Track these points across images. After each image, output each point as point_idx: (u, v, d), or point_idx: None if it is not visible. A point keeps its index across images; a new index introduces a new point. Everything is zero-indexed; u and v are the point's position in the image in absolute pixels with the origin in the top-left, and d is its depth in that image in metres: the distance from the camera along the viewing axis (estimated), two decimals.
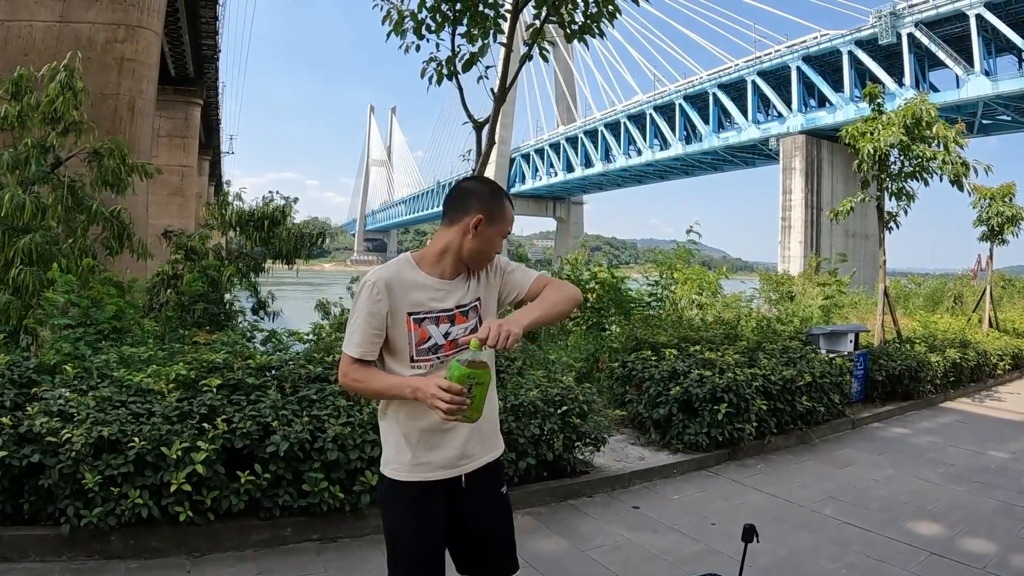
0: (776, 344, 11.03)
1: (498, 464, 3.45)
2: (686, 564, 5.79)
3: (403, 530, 3.21)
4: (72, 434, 5.33)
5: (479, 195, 3.21)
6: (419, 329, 3.12)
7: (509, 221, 3.26)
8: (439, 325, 3.15)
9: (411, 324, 3.11)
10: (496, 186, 3.34)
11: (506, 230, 3.26)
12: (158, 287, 12.29)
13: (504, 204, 3.25)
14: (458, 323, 3.20)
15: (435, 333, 3.14)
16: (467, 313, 3.22)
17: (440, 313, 3.16)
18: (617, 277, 14.70)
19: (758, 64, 64.65)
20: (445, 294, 3.18)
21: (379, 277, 3.12)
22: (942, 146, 13.55)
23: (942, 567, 5.97)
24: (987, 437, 10.93)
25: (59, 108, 10.72)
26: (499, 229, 3.21)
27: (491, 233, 3.18)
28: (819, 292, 19.51)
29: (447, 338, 3.17)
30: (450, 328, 3.17)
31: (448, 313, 3.17)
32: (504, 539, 3.42)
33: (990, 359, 15.79)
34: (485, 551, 3.37)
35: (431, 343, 3.14)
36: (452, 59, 8.19)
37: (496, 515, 3.38)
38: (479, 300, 3.28)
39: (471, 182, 3.36)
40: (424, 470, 3.17)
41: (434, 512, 3.21)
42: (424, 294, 3.15)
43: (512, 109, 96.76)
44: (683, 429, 8.95)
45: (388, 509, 3.29)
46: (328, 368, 7.04)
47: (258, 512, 5.86)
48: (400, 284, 3.12)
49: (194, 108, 43.21)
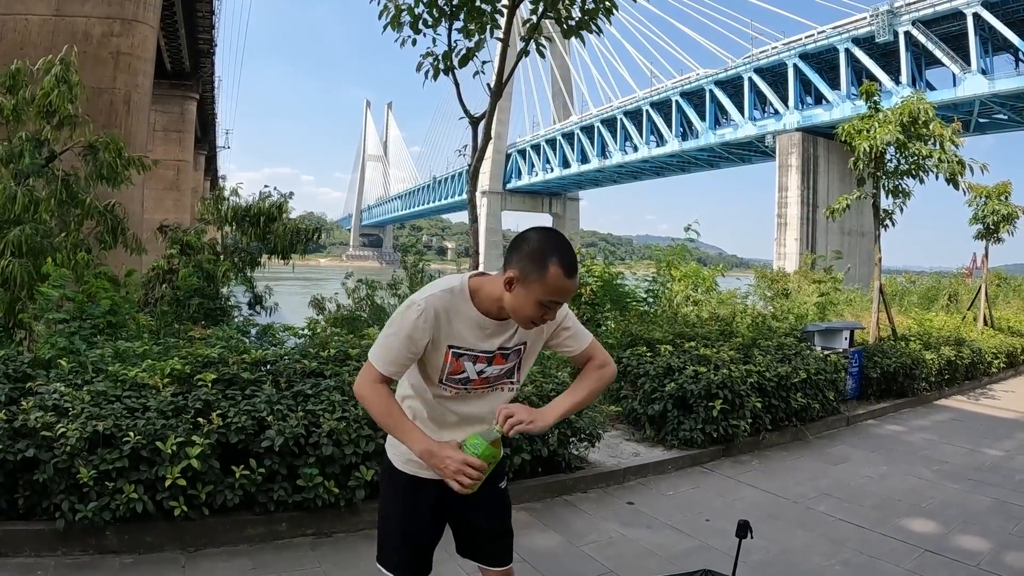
0: (771, 341, 11.05)
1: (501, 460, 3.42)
2: (680, 560, 5.79)
3: (394, 513, 3.29)
4: (67, 429, 5.31)
5: (523, 250, 2.89)
6: (456, 362, 3.06)
7: (552, 289, 2.83)
8: (476, 364, 3.10)
9: (449, 356, 3.04)
10: (549, 244, 2.89)
11: (545, 298, 2.85)
12: (153, 282, 12.29)
13: (546, 268, 2.81)
14: (496, 364, 3.14)
15: (470, 369, 3.09)
16: (508, 356, 3.15)
17: (481, 353, 3.08)
18: (612, 273, 14.68)
19: (755, 61, 64.59)
20: (491, 334, 3.07)
21: (430, 305, 2.97)
22: (938, 144, 13.54)
23: (936, 564, 5.97)
24: (981, 435, 10.95)
25: (54, 102, 10.71)
26: (534, 294, 2.85)
27: (524, 295, 2.86)
28: (814, 289, 19.53)
29: (480, 375, 3.13)
30: (486, 367, 3.12)
31: (489, 354, 3.10)
32: (498, 533, 3.42)
33: (985, 357, 15.81)
34: (479, 542, 3.41)
35: (463, 376, 3.10)
36: (449, 54, 8.19)
37: (490, 509, 3.38)
38: (524, 345, 3.18)
39: (531, 232, 2.96)
40: (417, 466, 3.18)
41: (425, 503, 3.23)
42: (471, 331, 3.04)
43: (508, 105, 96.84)
44: (678, 425, 8.96)
45: (385, 490, 3.37)
46: (323, 363, 7.05)
47: (253, 507, 5.86)
48: (450, 316, 3.00)
49: (190, 103, 43.19)
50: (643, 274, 16.41)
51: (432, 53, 8.24)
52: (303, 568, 5.47)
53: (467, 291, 3.02)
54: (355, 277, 13.69)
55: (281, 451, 5.82)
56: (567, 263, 2.83)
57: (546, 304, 2.86)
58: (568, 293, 2.88)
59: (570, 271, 2.84)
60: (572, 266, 2.85)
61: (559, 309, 2.99)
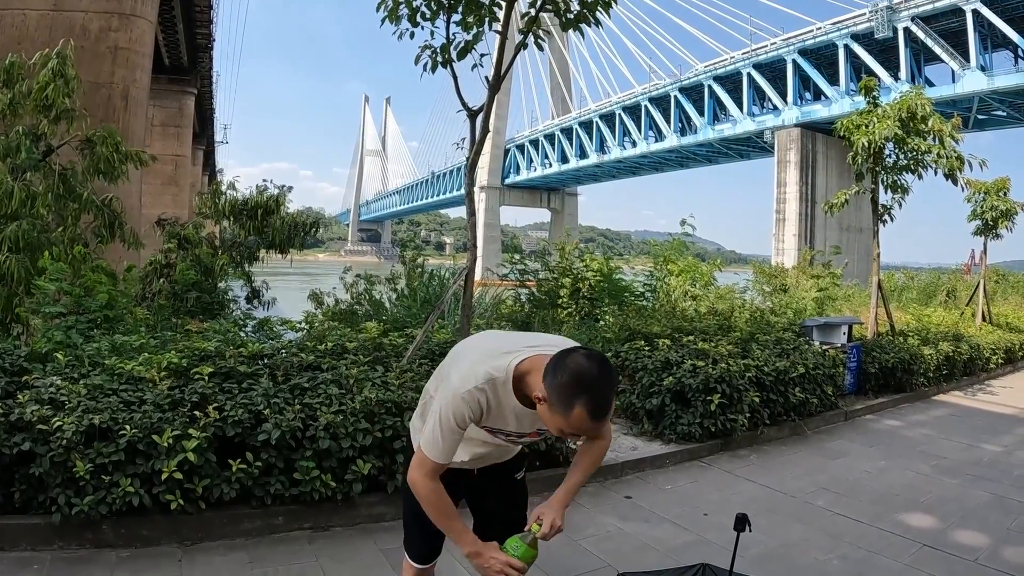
0: (769, 335, 11.06)
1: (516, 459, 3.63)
2: (678, 554, 5.79)
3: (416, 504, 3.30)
4: (63, 422, 5.31)
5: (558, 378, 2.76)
6: (487, 433, 3.19)
7: (575, 427, 2.77)
8: (507, 437, 3.23)
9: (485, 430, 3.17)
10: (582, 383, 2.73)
11: (568, 431, 2.82)
12: (151, 276, 12.27)
13: (572, 408, 2.71)
14: (528, 437, 3.28)
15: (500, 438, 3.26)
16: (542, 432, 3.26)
17: (513, 432, 3.19)
18: (611, 267, 14.68)
19: (754, 57, 64.50)
20: (526, 420, 3.10)
21: (474, 398, 2.96)
22: (937, 140, 13.54)
23: (934, 559, 5.97)
24: (980, 430, 10.95)
25: (51, 96, 10.69)
26: (557, 423, 2.81)
27: (550, 418, 2.82)
28: (813, 284, 19.53)
29: (506, 438, 3.24)
30: (516, 438, 3.27)
31: (521, 434, 3.22)
32: (512, 521, 3.50)
33: (983, 353, 15.83)
34: (493, 527, 3.47)
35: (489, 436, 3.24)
36: (447, 46, 8.16)
37: (507, 497, 3.57)
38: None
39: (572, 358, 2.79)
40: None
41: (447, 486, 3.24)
42: (509, 419, 3.09)
43: (507, 100, 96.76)
44: (676, 419, 8.95)
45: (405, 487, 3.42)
46: (320, 356, 7.05)
47: (249, 501, 5.84)
48: (491, 405, 3.01)
49: (188, 98, 43.14)
50: (641, 269, 16.39)
51: (430, 46, 8.21)
52: (300, 562, 5.46)
53: (511, 382, 2.98)
54: (353, 272, 13.67)
55: (278, 444, 5.81)
56: (594, 406, 2.72)
57: (571, 429, 2.80)
58: (593, 431, 2.89)
59: (596, 414, 2.73)
60: (600, 409, 2.74)
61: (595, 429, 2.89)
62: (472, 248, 8.63)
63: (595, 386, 2.73)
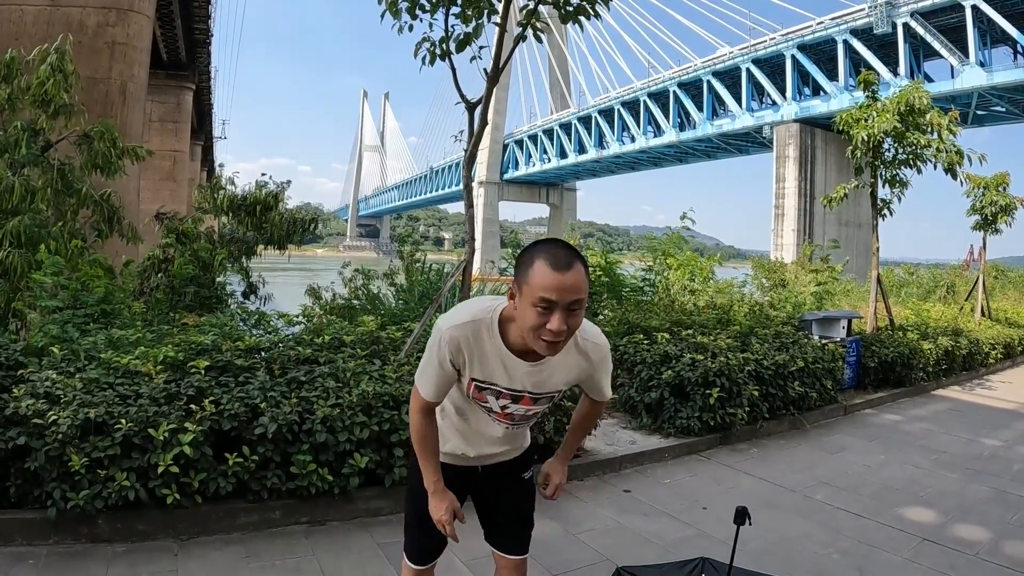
0: (769, 329, 11.05)
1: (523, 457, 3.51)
2: (677, 548, 5.77)
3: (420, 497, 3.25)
4: (58, 416, 5.28)
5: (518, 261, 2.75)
6: (478, 393, 3.04)
7: (540, 286, 2.60)
8: (499, 399, 3.04)
9: (472, 388, 3.01)
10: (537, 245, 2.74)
11: (537, 297, 2.60)
12: (149, 271, 12.24)
13: (532, 265, 2.64)
14: (522, 404, 3.07)
15: (492, 402, 3.07)
16: (538, 399, 3.08)
17: (505, 389, 3.00)
18: (610, 262, 14.68)
19: (753, 52, 64.48)
20: (520, 375, 2.95)
21: (453, 335, 2.88)
22: (936, 134, 13.52)
23: (934, 553, 5.96)
24: (979, 425, 10.95)
25: (49, 91, 10.67)
26: (527, 298, 2.64)
27: (522, 304, 2.68)
28: (812, 279, 19.52)
29: (503, 410, 3.09)
30: (510, 404, 3.06)
31: (515, 393, 3.01)
32: (517, 520, 3.47)
33: (982, 348, 15.86)
34: (498, 524, 3.46)
35: (485, 406, 3.11)
36: (446, 39, 8.13)
37: (510, 498, 3.47)
38: (559, 392, 3.12)
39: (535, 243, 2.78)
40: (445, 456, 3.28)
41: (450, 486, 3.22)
42: (495, 367, 2.94)
43: (506, 95, 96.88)
44: (675, 413, 8.95)
45: (413, 476, 3.36)
46: (318, 350, 7.02)
47: (246, 495, 5.82)
48: (473, 348, 2.90)
49: (186, 93, 43.10)
50: (639, 264, 16.39)
51: (429, 38, 8.19)
52: (296, 556, 5.44)
53: (496, 323, 2.89)
54: (352, 267, 13.65)
55: (274, 438, 5.80)
56: (554, 257, 2.61)
57: (541, 306, 2.59)
58: (561, 290, 2.58)
59: (557, 264, 2.59)
60: (561, 261, 2.61)
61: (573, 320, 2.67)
62: (470, 241, 8.62)
63: (549, 243, 2.71)
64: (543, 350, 2.71)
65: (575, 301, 2.62)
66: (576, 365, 3.02)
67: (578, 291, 2.61)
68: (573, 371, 3.04)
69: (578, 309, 2.65)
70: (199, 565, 5.21)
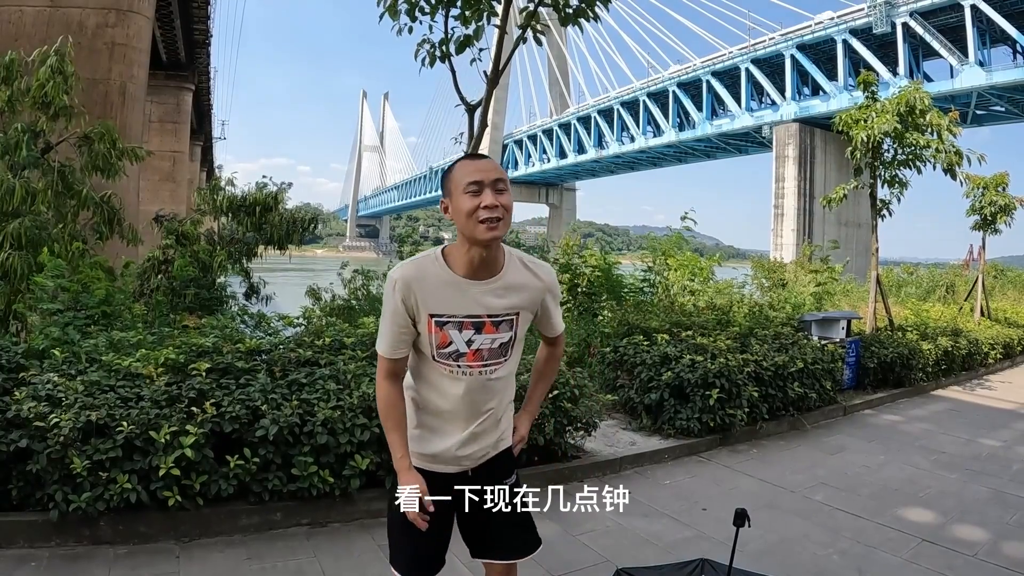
0: (768, 330, 11.05)
1: (503, 458, 3.37)
2: (677, 549, 5.78)
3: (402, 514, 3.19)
4: (60, 419, 5.29)
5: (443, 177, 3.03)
6: (440, 332, 3.01)
7: (463, 175, 2.90)
8: (462, 331, 3.01)
9: (432, 327, 3.00)
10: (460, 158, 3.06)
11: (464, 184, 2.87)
12: (149, 272, 12.25)
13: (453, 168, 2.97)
14: (486, 332, 3.03)
15: (457, 339, 3.01)
16: (499, 324, 3.05)
17: (465, 319, 3.00)
18: (609, 263, 14.69)
19: (752, 52, 64.56)
20: (472, 297, 2.99)
21: (401, 275, 2.98)
22: (936, 134, 13.53)
23: (933, 554, 5.97)
24: (978, 425, 10.96)
25: (49, 92, 10.66)
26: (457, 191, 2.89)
27: (455, 202, 2.91)
28: (811, 279, 19.54)
29: (470, 347, 3.03)
30: (474, 336, 3.02)
31: (475, 320, 3.01)
32: (515, 520, 3.33)
33: (982, 348, 15.86)
34: (495, 532, 3.29)
35: (452, 349, 3.03)
36: (445, 41, 8.15)
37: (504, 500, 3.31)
38: (516, 315, 3.09)
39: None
40: (425, 461, 3.19)
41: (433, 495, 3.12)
42: (446, 293, 2.98)
43: (505, 95, 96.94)
44: (674, 414, 8.95)
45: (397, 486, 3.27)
46: (318, 352, 7.03)
47: (247, 497, 5.84)
48: (424, 282, 2.97)
49: (185, 93, 43.06)
50: (639, 264, 16.41)
51: (429, 40, 8.21)
52: (298, 558, 5.45)
53: (440, 255, 3.01)
54: (351, 267, 13.66)
55: (275, 440, 5.81)
56: (469, 157, 3.05)
57: (471, 190, 2.86)
58: (483, 171, 2.90)
59: (474, 158, 3.02)
60: (475, 156, 3.06)
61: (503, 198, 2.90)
62: None
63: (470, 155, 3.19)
64: (484, 233, 2.85)
65: (498, 179, 2.90)
66: (527, 282, 3.11)
67: (498, 171, 2.94)
68: (525, 290, 3.10)
69: (504, 189, 2.92)
70: (201, 567, 5.22)
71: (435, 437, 3.18)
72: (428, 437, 3.19)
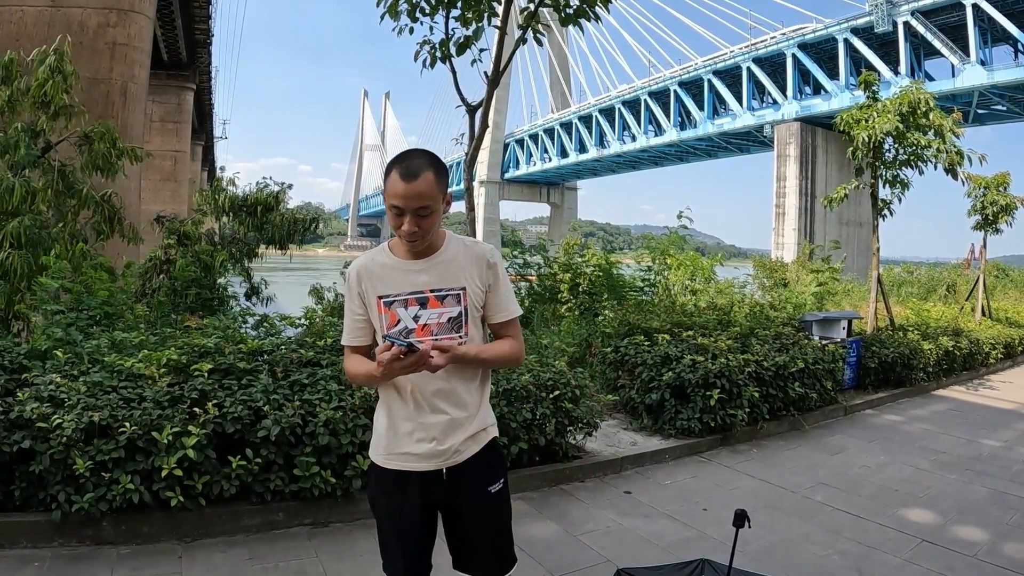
0: (769, 330, 11.03)
1: (486, 460, 3.27)
2: (677, 549, 5.78)
3: (382, 512, 3.30)
4: (63, 420, 5.30)
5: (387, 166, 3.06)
6: (388, 312, 3.09)
7: (391, 194, 2.96)
8: (408, 308, 3.08)
9: (381, 308, 3.09)
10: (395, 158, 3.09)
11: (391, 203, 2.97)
12: (150, 272, 12.27)
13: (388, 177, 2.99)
14: (431, 307, 3.09)
15: (404, 316, 3.08)
16: (444, 298, 3.10)
17: (409, 295, 3.08)
18: (610, 262, 14.69)
19: (753, 51, 64.52)
20: (414, 275, 3.10)
21: (354, 266, 3.19)
22: (937, 135, 13.52)
23: (933, 554, 5.97)
24: (979, 425, 10.95)
25: (49, 92, 10.66)
26: (387, 204, 3.01)
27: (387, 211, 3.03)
28: (812, 279, 19.53)
29: (417, 322, 3.08)
30: (420, 310, 3.08)
31: (419, 296, 3.08)
32: (491, 539, 3.28)
33: (983, 348, 15.84)
34: (470, 549, 3.27)
35: (401, 327, 3.08)
36: (446, 42, 8.16)
37: (481, 514, 3.26)
38: (463, 290, 3.11)
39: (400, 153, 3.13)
40: (398, 460, 3.17)
41: (411, 500, 3.18)
42: (391, 275, 3.12)
43: (506, 95, 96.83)
44: (675, 414, 8.95)
45: (371, 490, 3.38)
46: (320, 353, 7.03)
47: (249, 497, 5.85)
48: (371, 269, 3.16)
49: (187, 93, 43.10)
50: (636, 265, 16.42)
51: (429, 41, 8.22)
52: (300, 558, 5.46)
53: (386, 246, 3.22)
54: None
55: (277, 441, 5.81)
56: (404, 168, 2.93)
57: (394, 211, 2.97)
58: (406, 198, 2.92)
59: (405, 175, 2.92)
60: (410, 171, 2.93)
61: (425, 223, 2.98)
62: None
63: (405, 156, 3.03)
64: (406, 245, 3.07)
65: (421, 207, 2.95)
66: (469, 263, 3.16)
67: (423, 199, 2.94)
68: (465, 265, 3.15)
69: (427, 214, 2.97)
70: (203, 567, 5.23)
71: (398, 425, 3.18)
72: (393, 430, 3.20)
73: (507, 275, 3.33)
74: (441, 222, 3.11)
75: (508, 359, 3.33)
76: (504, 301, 3.26)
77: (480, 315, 3.23)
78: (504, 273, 3.26)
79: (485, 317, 3.28)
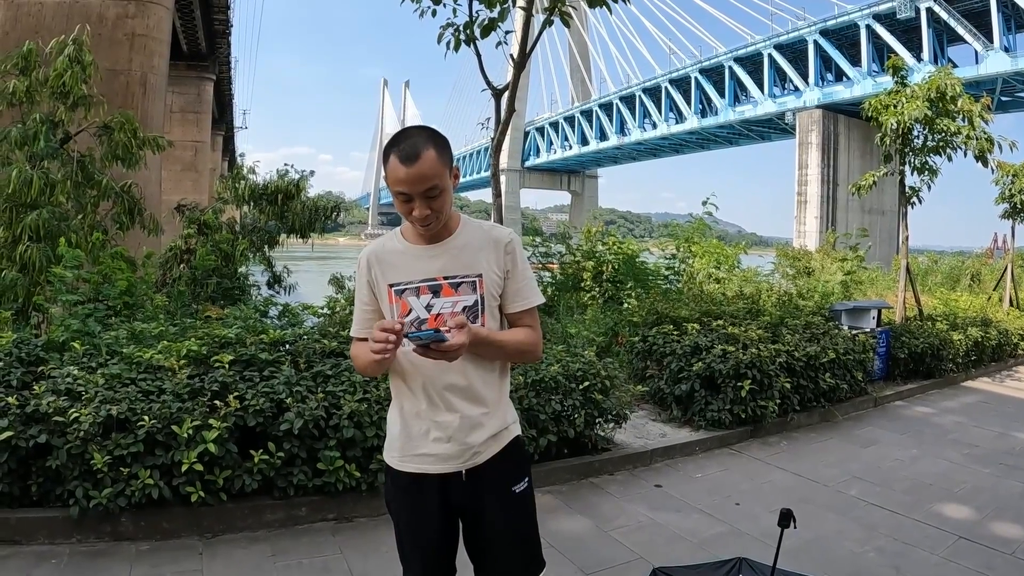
0: (799, 320, 10.86)
1: (509, 457, 3.09)
2: (711, 545, 5.66)
3: (398, 515, 3.13)
4: (80, 413, 5.21)
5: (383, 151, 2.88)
6: (399, 301, 2.93)
7: (393, 180, 2.79)
8: (420, 296, 2.92)
9: (392, 297, 2.94)
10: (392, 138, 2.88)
11: (394, 190, 2.81)
12: (170, 262, 12.21)
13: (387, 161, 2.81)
14: (444, 295, 2.92)
15: (416, 305, 2.92)
16: (458, 286, 2.92)
17: (421, 283, 2.92)
18: (632, 249, 14.58)
19: (775, 37, 64.30)
20: (426, 261, 2.93)
21: (364, 253, 3.06)
22: (967, 121, 13.30)
23: (971, 552, 5.82)
24: (1010, 418, 10.79)
25: (67, 82, 10.56)
26: (391, 191, 2.83)
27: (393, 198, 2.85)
28: (838, 268, 19.34)
29: (430, 311, 2.91)
30: (432, 300, 2.92)
31: (431, 283, 2.92)
32: (516, 543, 3.10)
33: (1011, 338, 15.67)
34: (493, 556, 3.09)
35: (413, 316, 2.91)
36: (470, 23, 8.02)
37: (505, 516, 3.06)
38: (479, 277, 2.94)
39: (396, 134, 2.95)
40: (414, 462, 2.99)
41: (428, 503, 3.01)
42: (402, 261, 2.96)
43: (527, 83, 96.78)
44: (705, 406, 8.82)
45: (388, 493, 3.19)
46: (343, 343, 6.91)
47: (272, 492, 5.76)
48: (382, 256, 3.00)
49: (207, 83, 43.23)
50: (661, 252, 16.32)
51: (453, 24, 8.09)
52: (323, 554, 5.37)
53: (399, 231, 3.05)
54: None
55: (300, 434, 5.72)
56: (402, 151, 2.76)
57: (402, 197, 2.80)
58: (409, 182, 2.75)
59: (405, 158, 2.74)
60: (409, 153, 2.75)
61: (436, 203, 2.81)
62: None
63: (402, 135, 2.84)
64: (421, 230, 2.89)
65: (429, 188, 2.77)
66: (485, 246, 2.97)
67: (428, 180, 2.76)
68: (482, 249, 2.96)
69: (437, 194, 2.80)
70: (224, 564, 5.14)
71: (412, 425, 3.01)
72: (406, 430, 3.03)
73: (527, 262, 3.13)
74: (453, 201, 2.93)
75: (525, 349, 3.08)
76: (524, 288, 3.05)
77: (497, 304, 3.02)
78: (524, 258, 3.08)
79: (502, 306, 3.06)
